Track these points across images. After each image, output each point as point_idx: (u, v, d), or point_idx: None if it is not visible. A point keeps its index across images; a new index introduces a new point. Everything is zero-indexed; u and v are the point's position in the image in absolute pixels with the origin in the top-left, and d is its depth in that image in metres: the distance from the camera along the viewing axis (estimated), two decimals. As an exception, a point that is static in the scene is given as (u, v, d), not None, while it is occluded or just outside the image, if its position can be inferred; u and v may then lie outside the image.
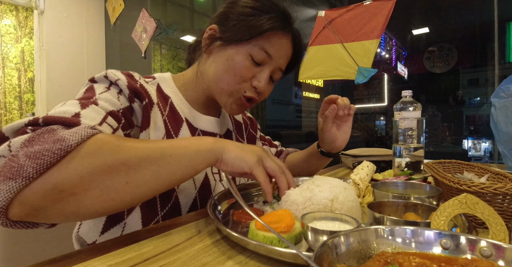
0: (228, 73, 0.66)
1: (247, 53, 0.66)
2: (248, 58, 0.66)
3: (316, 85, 5.44)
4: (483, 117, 3.94)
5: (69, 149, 0.37)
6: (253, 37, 0.65)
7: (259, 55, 0.66)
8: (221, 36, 0.68)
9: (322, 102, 0.79)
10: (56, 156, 0.36)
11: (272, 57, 0.68)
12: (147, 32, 3.06)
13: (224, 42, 0.67)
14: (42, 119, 0.41)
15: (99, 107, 0.51)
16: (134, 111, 0.59)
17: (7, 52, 3.45)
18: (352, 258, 0.28)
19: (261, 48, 0.66)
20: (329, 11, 2.34)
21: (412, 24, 4.00)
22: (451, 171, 0.76)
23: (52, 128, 0.40)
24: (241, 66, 0.66)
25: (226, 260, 0.38)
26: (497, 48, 2.10)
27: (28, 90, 3.62)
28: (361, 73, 2.20)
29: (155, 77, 0.73)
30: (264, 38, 0.66)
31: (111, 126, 0.51)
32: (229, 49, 0.67)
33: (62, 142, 0.37)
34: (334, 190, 0.51)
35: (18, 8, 3.52)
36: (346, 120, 0.79)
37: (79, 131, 0.39)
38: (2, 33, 3.42)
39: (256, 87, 0.68)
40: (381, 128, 4.89)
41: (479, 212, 0.34)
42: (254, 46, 0.66)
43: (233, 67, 0.66)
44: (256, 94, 0.70)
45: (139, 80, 0.64)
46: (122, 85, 0.57)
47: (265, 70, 0.68)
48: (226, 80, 0.67)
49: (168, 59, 3.78)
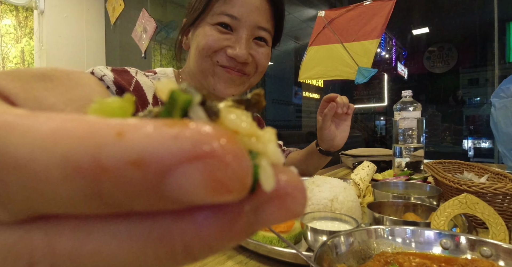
0: (199, 52, 0.63)
1: (210, 25, 0.62)
2: (212, 29, 0.62)
3: (316, 85, 5.45)
4: (483, 117, 3.94)
5: None
6: (207, 7, 0.61)
7: (222, 20, 0.61)
8: (186, 23, 0.67)
9: (321, 101, 0.79)
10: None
11: (238, 18, 0.61)
12: (147, 32, 3.06)
13: (189, 27, 0.66)
14: None
15: None
16: None
17: (7, 52, 3.45)
18: (352, 258, 0.28)
19: (221, 13, 0.61)
20: (329, 11, 2.34)
21: (412, 24, 4.00)
22: (451, 171, 0.76)
23: None
24: (207, 39, 0.61)
25: (226, 260, 0.38)
26: (497, 48, 2.10)
27: (28, 90, 3.62)
28: (361, 73, 2.20)
29: (157, 71, 0.71)
30: (222, 3, 0.61)
31: None
32: (196, 32, 0.64)
33: None
34: (334, 190, 0.51)
35: (18, 8, 3.52)
36: (345, 119, 0.80)
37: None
38: (2, 33, 3.42)
39: (233, 56, 0.62)
40: (381, 128, 4.89)
41: (479, 212, 0.34)
42: (213, 15, 0.62)
43: (202, 44, 0.62)
44: (237, 64, 0.64)
45: (135, 76, 0.62)
46: (108, 81, 0.56)
47: (238, 35, 0.62)
48: (200, 59, 0.63)
49: (168, 59, 3.77)
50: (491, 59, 2.21)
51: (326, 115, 0.76)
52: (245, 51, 0.62)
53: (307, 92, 5.46)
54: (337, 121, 0.80)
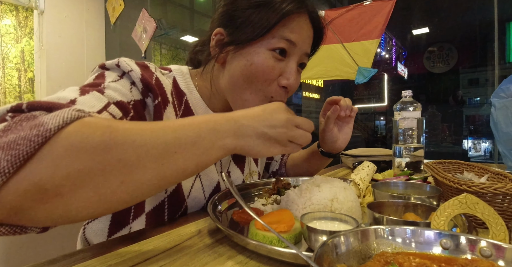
0: (250, 80, 0.57)
1: (267, 50, 0.57)
2: (269, 55, 0.57)
3: (316, 85, 5.44)
4: (483, 117, 3.94)
5: (47, 134, 0.30)
6: (269, 30, 0.55)
7: (281, 46, 0.57)
8: (232, 39, 0.58)
9: (325, 103, 0.78)
10: (33, 144, 0.29)
11: (296, 44, 0.58)
12: (147, 32, 3.06)
13: (237, 45, 0.58)
14: (26, 104, 0.35)
15: (105, 95, 0.45)
16: (147, 106, 0.53)
17: (7, 52, 3.45)
18: (352, 258, 0.28)
19: (282, 38, 0.57)
20: (329, 11, 2.34)
21: (412, 24, 4.00)
22: (451, 171, 0.76)
23: (33, 114, 0.33)
24: (264, 67, 0.57)
25: (226, 260, 0.38)
26: (497, 48, 2.10)
27: (28, 90, 3.62)
28: (361, 73, 2.20)
29: (172, 69, 0.66)
30: (281, 26, 0.57)
31: (113, 115, 0.44)
32: (244, 52, 0.57)
33: (40, 127, 0.30)
34: (334, 190, 0.51)
35: (18, 8, 3.52)
36: (348, 122, 0.79)
37: (61, 113, 0.32)
38: (2, 33, 3.42)
39: (287, 86, 0.59)
40: (381, 128, 4.89)
41: (479, 212, 0.34)
42: (273, 38, 0.57)
43: (255, 72, 0.57)
44: (285, 94, 0.61)
45: (155, 72, 0.58)
46: (135, 77, 0.52)
47: (291, 62, 0.59)
48: (249, 88, 0.58)
49: (168, 59, 3.78)
50: (491, 59, 2.20)
51: (329, 117, 0.75)
52: (297, 81, 0.61)
53: (307, 92, 5.46)
54: (340, 124, 0.79)
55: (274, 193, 0.67)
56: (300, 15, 0.59)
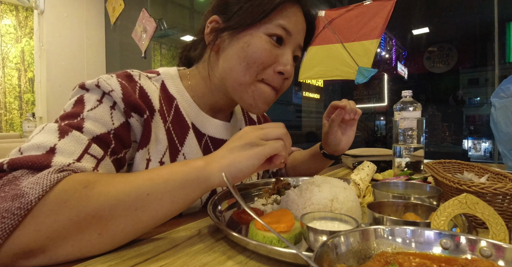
0: (245, 62, 0.57)
1: (264, 35, 0.57)
2: (267, 39, 0.57)
3: (316, 85, 5.44)
4: (483, 117, 3.94)
5: (29, 207, 0.33)
6: (267, 15, 0.56)
7: (278, 33, 0.57)
8: (227, 25, 0.59)
9: (329, 106, 0.77)
10: (17, 217, 0.33)
11: (291, 34, 0.59)
12: (147, 32, 3.06)
13: (232, 30, 0.58)
14: (7, 164, 0.38)
15: (84, 132, 0.45)
16: (131, 127, 0.53)
17: (7, 52, 3.45)
18: (352, 258, 0.28)
19: (279, 25, 0.57)
20: (329, 11, 2.34)
21: (412, 24, 3.99)
22: (451, 171, 0.76)
23: (15, 176, 0.37)
24: (261, 49, 0.56)
25: (226, 260, 0.38)
26: (497, 48, 2.10)
27: (28, 90, 3.62)
28: (361, 73, 2.20)
29: (160, 72, 0.65)
30: (278, 13, 0.57)
31: (95, 156, 0.45)
32: (241, 36, 0.58)
33: (21, 199, 0.33)
34: (334, 190, 0.51)
35: (18, 8, 3.52)
36: (352, 124, 0.78)
37: (40, 180, 0.35)
38: (2, 33, 3.42)
39: (283, 72, 0.59)
40: (381, 128, 4.89)
41: (479, 212, 0.34)
42: (270, 24, 0.57)
43: (251, 54, 0.56)
44: (282, 81, 0.61)
45: (139, 80, 0.57)
46: (117, 97, 0.50)
47: (287, 50, 0.60)
48: (244, 70, 0.58)
49: (168, 59, 3.78)
50: (491, 59, 2.20)
51: (334, 120, 0.74)
52: (292, 67, 0.62)
53: (307, 92, 5.46)
54: (344, 126, 0.79)
55: (274, 193, 0.67)
56: (294, 5, 0.60)
